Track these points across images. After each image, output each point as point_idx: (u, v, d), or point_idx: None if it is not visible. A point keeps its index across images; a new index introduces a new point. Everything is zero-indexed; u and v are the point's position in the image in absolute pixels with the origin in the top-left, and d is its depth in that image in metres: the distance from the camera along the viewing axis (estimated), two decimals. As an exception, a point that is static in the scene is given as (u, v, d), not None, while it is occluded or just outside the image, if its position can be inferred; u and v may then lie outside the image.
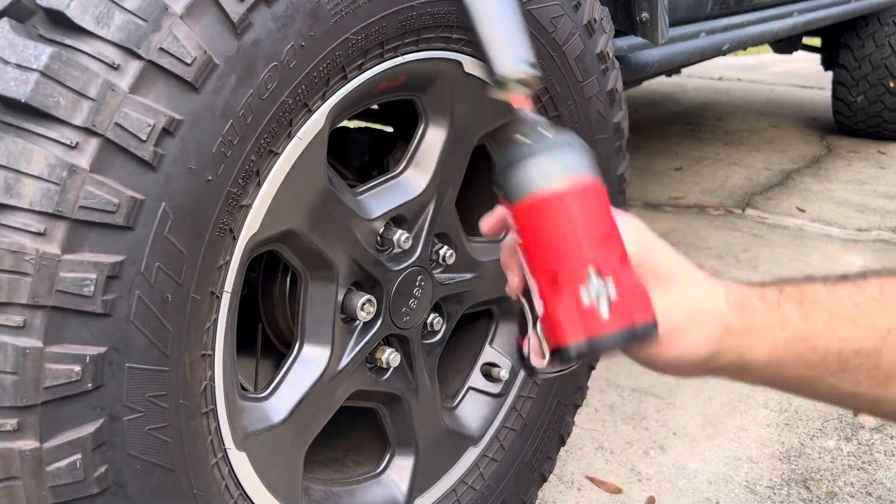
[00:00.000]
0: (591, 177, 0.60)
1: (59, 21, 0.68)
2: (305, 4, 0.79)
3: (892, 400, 0.62)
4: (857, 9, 3.42)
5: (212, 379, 0.85)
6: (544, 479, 1.40)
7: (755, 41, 2.60)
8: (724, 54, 2.52)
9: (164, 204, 0.72)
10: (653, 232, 0.66)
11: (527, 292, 0.64)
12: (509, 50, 0.61)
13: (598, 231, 0.59)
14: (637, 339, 0.58)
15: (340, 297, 1.01)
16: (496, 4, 0.60)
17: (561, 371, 0.65)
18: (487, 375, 1.31)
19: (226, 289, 0.84)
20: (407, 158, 1.08)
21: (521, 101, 0.63)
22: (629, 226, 0.64)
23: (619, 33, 1.81)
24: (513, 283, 0.67)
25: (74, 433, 0.71)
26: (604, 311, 0.57)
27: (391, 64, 0.95)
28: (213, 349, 0.84)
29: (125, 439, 0.74)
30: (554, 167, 0.59)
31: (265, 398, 0.97)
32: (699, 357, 0.64)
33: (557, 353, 0.58)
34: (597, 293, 0.57)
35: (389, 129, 1.38)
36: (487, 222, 0.71)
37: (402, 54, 0.96)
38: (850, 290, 0.64)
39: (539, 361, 0.62)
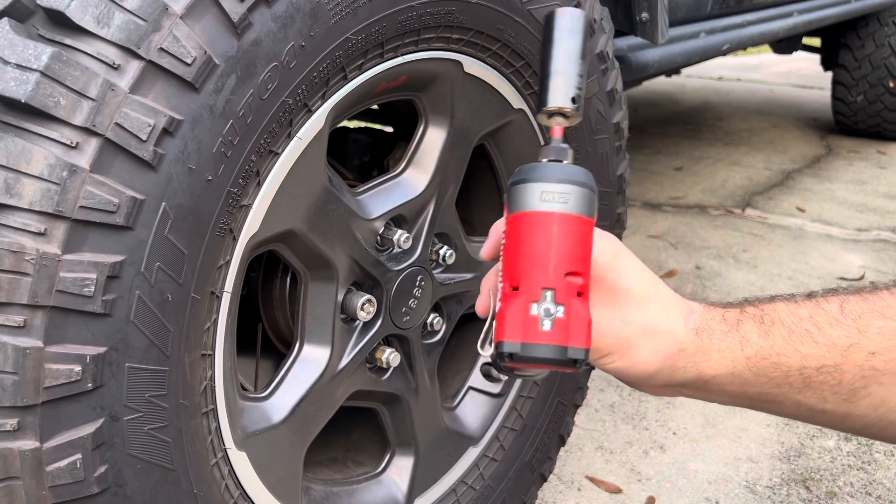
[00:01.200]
0: (586, 217, 0.65)
1: (60, 21, 0.68)
2: (305, 4, 0.79)
3: (858, 415, 0.63)
4: (857, 9, 3.42)
5: (212, 379, 0.85)
6: (544, 479, 1.40)
7: (755, 41, 2.60)
8: (724, 54, 2.52)
9: (164, 204, 0.72)
10: (626, 250, 0.69)
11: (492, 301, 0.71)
12: (564, 85, 0.67)
13: (569, 262, 0.64)
14: (566, 359, 0.62)
15: (340, 297, 1.01)
16: (569, 43, 0.67)
17: (515, 374, 0.71)
18: (487, 375, 1.31)
19: (226, 289, 0.84)
20: (407, 158, 1.09)
21: (558, 130, 0.68)
22: (602, 242, 0.68)
23: (619, 33, 1.82)
24: (481, 303, 0.71)
25: (74, 433, 0.71)
26: (546, 326, 0.62)
27: (391, 64, 0.95)
28: (213, 349, 0.84)
29: (125, 439, 0.74)
30: (556, 194, 0.65)
31: (265, 398, 0.97)
32: (646, 372, 0.66)
33: (497, 347, 0.64)
34: (545, 310, 0.63)
35: (389, 129, 1.38)
36: (488, 250, 0.74)
37: (402, 54, 0.96)
38: (811, 309, 0.65)
39: (485, 349, 0.68)
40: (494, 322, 0.66)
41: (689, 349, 0.66)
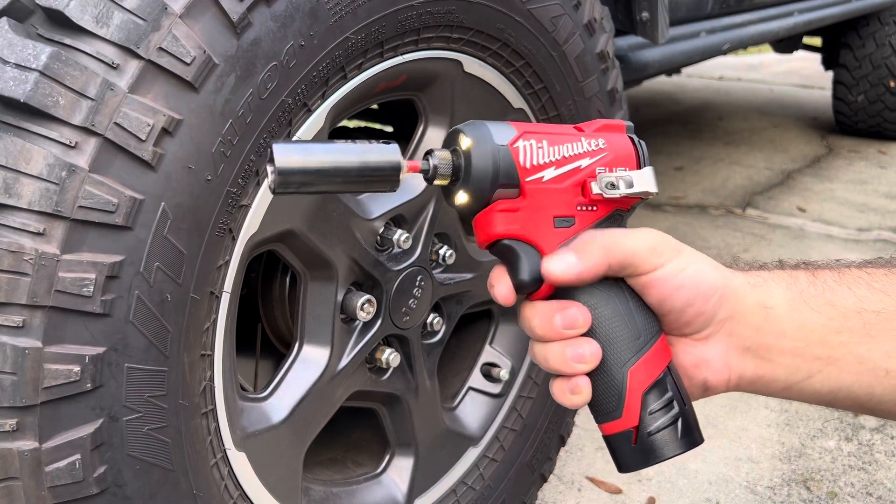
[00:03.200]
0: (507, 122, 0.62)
1: (59, 20, 0.68)
2: (305, 4, 0.79)
3: None
4: (858, 8, 3.42)
5: (211, 379, 0.85)
6: (544, 480, 1.40)
7: (755, 41, 2.60)
8: (725, 54, 2.52)
9: (163, 204, 0.72)
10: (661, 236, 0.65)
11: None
12: (377, 153, 0.60)
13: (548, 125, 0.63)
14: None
15: (340, 297, 1.01)
16: (337, 151, 0.58)
17: None
18: (487, 376, 1.31)
19: (225, 289, 0.84)
20: (407, 158, 1.08)
21: (413, 165, 0.63)
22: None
23: (619, 33, 1.81)
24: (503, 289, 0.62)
25: (73, 433, 0.71)
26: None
27: (391, 63, 0.95)
28: (212, 349, 0.84)
29: (124, 440, 0.74)
30: (497, 142, 0.61)
31: (265, 398, 0.97)
32: (712, 283, 0.61)
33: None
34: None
35: (389, 129, 1.38)
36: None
37: (402, 54, 0.96)
38: (858, 270, 0.61)
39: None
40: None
41: (748, 277, 0.61)
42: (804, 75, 6.08)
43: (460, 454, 1.25)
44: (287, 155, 0.55)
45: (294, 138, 0.82)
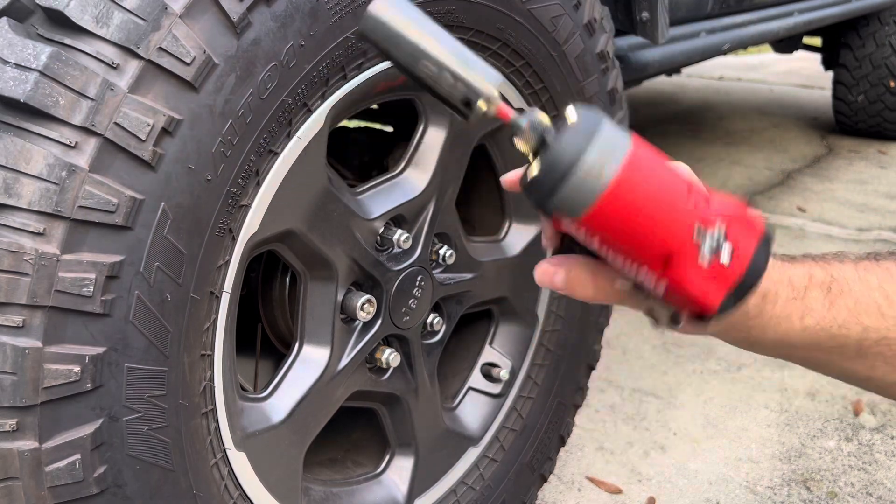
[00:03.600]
0: (629, 137, 0.52)
1: (59, 20, 0.68)
2: (305, 4, 0.79)
3: None
4: (858, 8, 3.42)
5: (211, 379, 0.85)
6: (544, 480, 1.40)
7: (755, 41, 2.60)
8: (725, 54, 2.52)
9: (163, 204, 0.72)
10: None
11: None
12: (479, 68, 0.54)
13: (674, 188, 0.52)
14: (763, 259, 0.54)
15: (340, 297, 1.01)
16: (445, 35, 0.53)
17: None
18: (487, 376, 1.31)
19: (225, 289, 0.84)
20: (407, 158, 1.08)
21: (506, 111, 0.54)
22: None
23: (619, 33, 1.81)
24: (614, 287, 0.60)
25: (73, 433, 0.71)
26: (725, 260, 0.51)
27: (391, 64, 0.95)
28: (212, 349, 0.84)
29: (124, 440, 0.74)
30: (599, 157, 0.50)
31: (265, 398, 0.97)
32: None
33: (711, 318, 0.55)
34: (711, 248, 0.51)
35: (389, 129, 1.38)
36: (547, 242, 0.63)
37: (402, 54, 0.96)
38: (881, 276, 0.61)
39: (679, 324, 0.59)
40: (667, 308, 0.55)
41: (752, 312, 0.60)
42: (804, 75, 6.08)
43: (460, 454, 1.25)
44: (387, 3, 0.50)
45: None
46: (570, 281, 0.59)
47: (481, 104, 0.52)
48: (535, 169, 0.52)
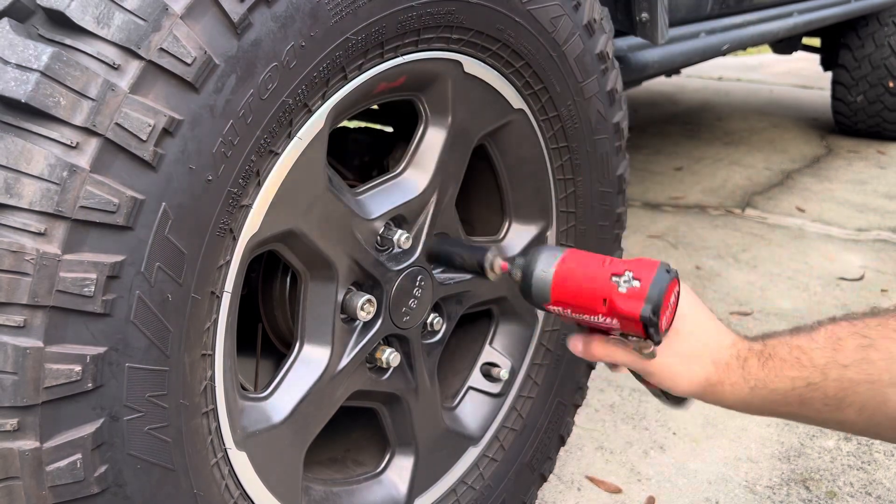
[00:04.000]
0: (560, 251, 0.87)
1: (60, 21, 0.68)
2: (305, 4, 0.79)
3: (851, 422, 0.74)
4: (857, 9, 3.42)
5: (212, 379, 0.85)
6: (544, 479, 1.40)
7: (755, 41, 2.61)
8: (724, 54, 2.52)
9: (164, 204, 0.72)
10: (688, 291, 0.88)
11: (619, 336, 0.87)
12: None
13: (594, 265, 0.83)
14: (663, 279, 0.78)
15: (340, 297, 1.01)
16: None
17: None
18: (487, 375, 1.31)
19: (226, 289, 0.84)
20: (407, 158, 1.09)
21: (503, 265, 0.92)
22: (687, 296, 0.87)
23: (618, 33, 1.82)
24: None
25: (74, 433, 0.71)
26: (636, 285, 0.79)
27: (391, 64, 0.95)
28: (213, 349, 0.84)
29: (125, 439, 0.74)
30: (543, 269, 0.86)
31: (265, 398, 0.97)
32: (686, 392, 0.85)
33: (646, 324, 0.79)
34: (625, 283, 0.79)
35: (389, 129, 1.38)
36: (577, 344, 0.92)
37: (402, 54, 0.96)
38: (804, 339, 0.78)
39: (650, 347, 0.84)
40: (624, 336, 0.83)
41: (713, 379, 0.83)
42: (803, 76, 6.08)
43: (460, 454, 1.25)
44: None
45: None
46: (586, 347, 0.89)
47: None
48: (521, 286, 0.89)
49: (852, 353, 0.73)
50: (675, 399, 0.91)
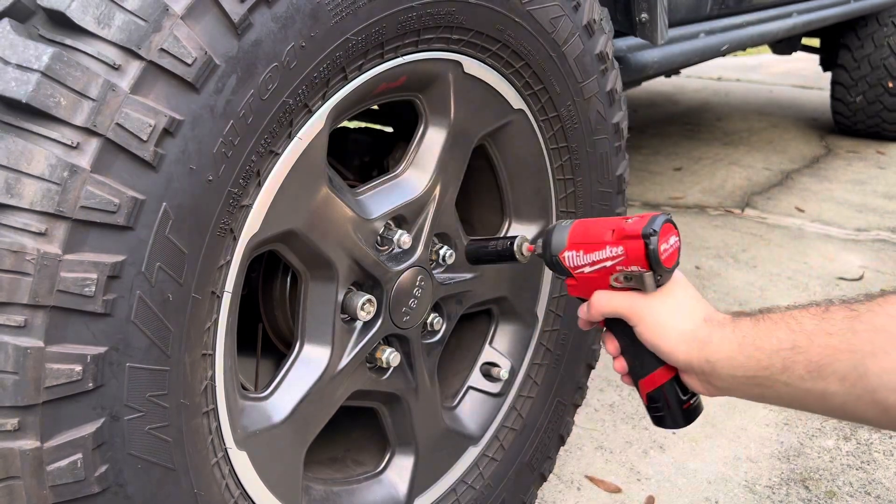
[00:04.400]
0: (571, 222, 0.96)
1: (60, 21, 0.68)
2: (306, 5, 0.79)
3: (832, 392, 0.74)
4: (857, 9, 3.42)
5: (212, 378, 0.85)
6: (544, 479, 1.40)
7: (754, 42, 2.61)
8: (724, 55, 2.52)
9: (164, 204, 0.72)
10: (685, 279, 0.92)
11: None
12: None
13: (602, 220, 0.94)
14: (664, 218, 0.88)
15: (340, 297, 1.01)
16: None
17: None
18: (487, 375, 1.31)
19: (226, 288, 0.84)
20: (407, 158, 1.09)
21: (531, 247, 1.02)
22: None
23: (618, 34, 1.82)
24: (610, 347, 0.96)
25: (75, 433, 0.71)
26: (635, 219, 0.89)
27: (391, 64, 0.95)
28: (213, 349, 0.84)
29: (126, 439, 0.74)
30: (562, 224, 0.96)
31: (266, 398, 0.98)
32: (679, 341, 0.86)
33: (647, 243, 0.86)
34: (631, 220, 0.90)
35: (389, 130, 1.39)
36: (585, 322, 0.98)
37: (402, 55, 0.96)
38: (800, 310, 0.80)
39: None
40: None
41: (702, 335, 0.85)
42: (803, 76, 6.08)
43: (460, 453, 1.25)
44: None
45: None
46: (590, 307, 0.93)
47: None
48: (542, 243, 0.98)
49: (839, 323, 0.74)
50: (672, 416, 0.92)
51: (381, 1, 0.87)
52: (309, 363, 1.00)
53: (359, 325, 1.04)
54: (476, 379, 1.31)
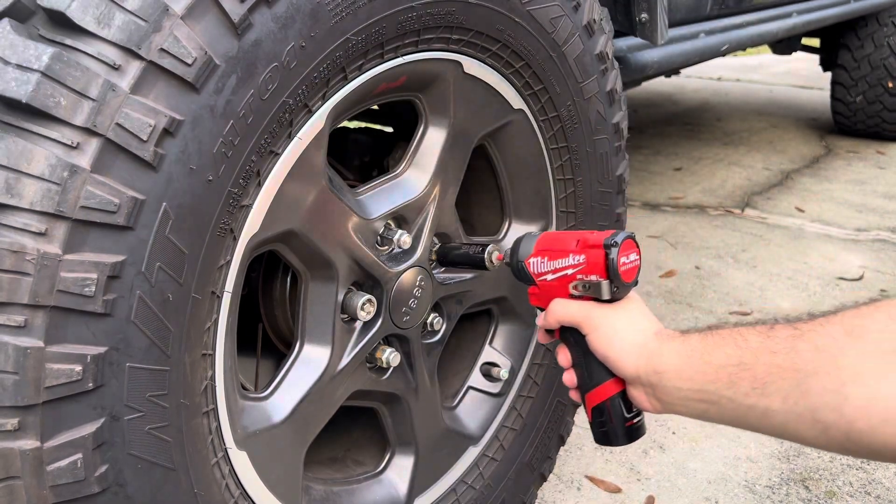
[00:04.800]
0: (538, 236, 1.00)
1: (60, 21, 0.68)
2: (306, 5, 0.79)
3: (775, 409, 0.75)
4: (857, 9, 3.42)
5: (212, 378, 0.85)
6: (544, 479, 1.40)
7: (754, 42, 2.61)
8: (724, 55, 2.52)
9: (164, 204, 0.72)
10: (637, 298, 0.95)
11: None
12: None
13: (564, 233, 0.99)
14: (625, 233, 0.92)
15: (340, 297, 1.01)
16: None
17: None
18: (487, 375, 1.31)
19: (226, 288, 0.84)
20: (407, 158, 1.09)
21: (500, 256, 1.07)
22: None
23: (618, 34, 1.82)
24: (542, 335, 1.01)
25: (75, 433, 0.71)
26: (601, 232, 0.95)
27: (391, 65, 0.95)
28: (213, 349, 0.84)
29: (126, 439, 0.75)
30: (531, 234, 1.01)
31: (266, 398, 0.98)
32: (629, 353, 0.88)
33: (608, 253, 0.90)
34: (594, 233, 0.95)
35: (389, 130, 1.39)
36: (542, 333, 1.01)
37: (402, 55, 0.96)
38: (746, 328, 0.82)
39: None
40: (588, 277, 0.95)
41: (653, 346, 0.87)
42: (803, 76, 6.08)
43: (460, 453, 1.25)
44: None
45: None
46: (546, 314, 0.96)
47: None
48: (510, 251, 1.02)
49: (783, 342, 0.76)
50: (614, 431, 0.93)
51: (381, 1, 0.87)
52: (309, 363, 1.00)
53: (359, 325, 1.04)
54: (476, 379, 1.31)
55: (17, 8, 0.69)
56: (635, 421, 0.93)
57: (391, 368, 1.10)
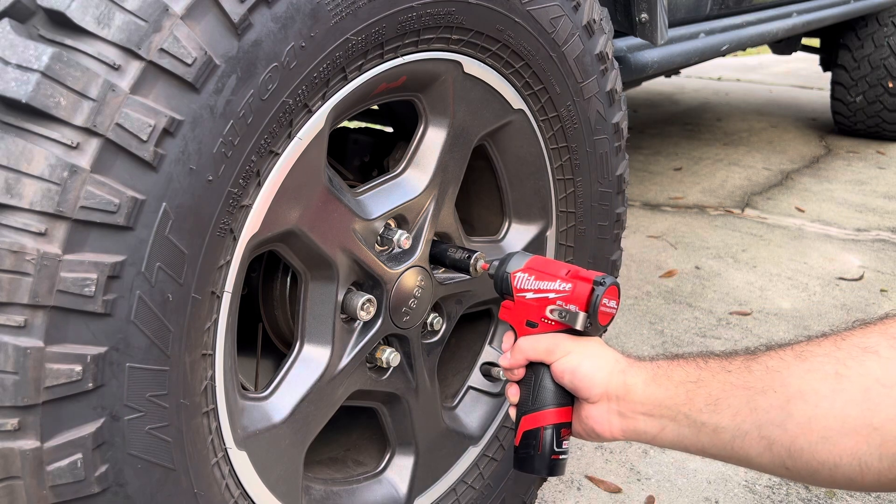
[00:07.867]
0: (528, 255, 1.01)
1: (60, 21, 0.68)
2: (306, 5, 0.79)
3: (723, 427, 0.79)
4: (857, 9, 3.42)
5: (212, 378, 0.85)
6: (544, 479, 1.40)
7: (754, 42, 2.61)
8: (724, 55, 2.52)
9: (164, 204, 0.72)
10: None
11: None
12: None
13: (552, 261, 1.00)
14: (615, 279, 0.97)
15: (340, 297, 1.01)
16: None
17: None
18: (487, 375, 1.31)
19: (226, 288, 0.84)
20: (407, 158, 1.09)
21: (485, 265, 1.07)
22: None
23: (618, 34, 1.82)
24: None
25: (75, 433, 0.71)
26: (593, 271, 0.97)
27: (391, 65, 0.95)
28: (213, 349, 0.84)
29: (126, 439, 0.75)
30: (523, 253, 1.02)
31: (266, 398, 0.98)
32: (597, 377, 0.90)
33: (595, 289, 0.93)
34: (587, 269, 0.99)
35: (389, 130, 1.39)
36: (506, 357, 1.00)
37: (402, 55, 0.96)
38: (710, 354, 0.86)
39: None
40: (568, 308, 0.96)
41: (622, 366, 0.90)
42: (803, 76, 6.09)
43: (460, 453, 1.25)
44: None
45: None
46: (513, 350, 0.97)
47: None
48: (498, 263, 1.02)
49: (738, 362, 0.81)
50: (539, 461, 0.94)
51: (381, 1, 0.87)
52: (309, 363, 1.00)
53: (359, 324, 1.04)
54: (476, 379, 1.31)
55: (17, 8, 0.69)
56: (561, 457, 0.94)
57: (391, 368, 1.10)
